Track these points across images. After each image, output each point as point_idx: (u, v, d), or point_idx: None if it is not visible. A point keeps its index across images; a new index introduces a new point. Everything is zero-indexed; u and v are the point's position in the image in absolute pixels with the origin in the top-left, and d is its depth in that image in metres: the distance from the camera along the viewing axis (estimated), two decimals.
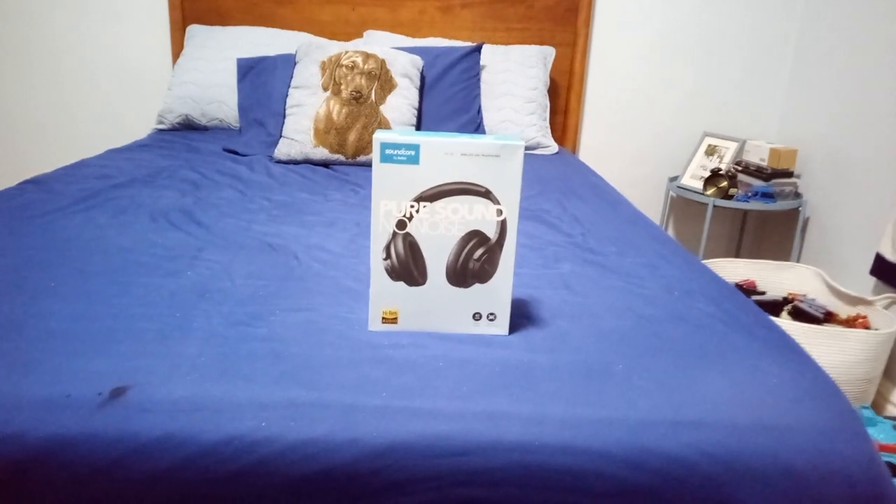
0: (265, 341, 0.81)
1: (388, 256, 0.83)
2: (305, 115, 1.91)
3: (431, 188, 0.81)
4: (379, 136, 0.80)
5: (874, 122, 2.15)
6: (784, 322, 1.93)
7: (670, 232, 2.80)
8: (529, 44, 2.48)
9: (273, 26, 2.44)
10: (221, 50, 2.25)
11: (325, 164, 1.90)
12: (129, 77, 2.54)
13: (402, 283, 0.84)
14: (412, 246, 0.83)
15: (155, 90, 2.54)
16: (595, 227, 1.38)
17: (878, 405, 2.03)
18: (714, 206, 2.39)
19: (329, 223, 1.33)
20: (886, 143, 2.10)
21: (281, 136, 1.94)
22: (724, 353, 0.84)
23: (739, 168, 2.50)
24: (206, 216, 1.32)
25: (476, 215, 0.82)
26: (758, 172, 2.50)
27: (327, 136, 1.89)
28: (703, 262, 1.25)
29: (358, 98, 1.91)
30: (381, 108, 1.93)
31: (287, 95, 2.00)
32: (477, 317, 0.86)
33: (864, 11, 2.21)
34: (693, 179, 2.54)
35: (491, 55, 2.32)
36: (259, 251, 1.13)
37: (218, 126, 2.21)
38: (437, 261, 0.84)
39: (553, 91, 2.56)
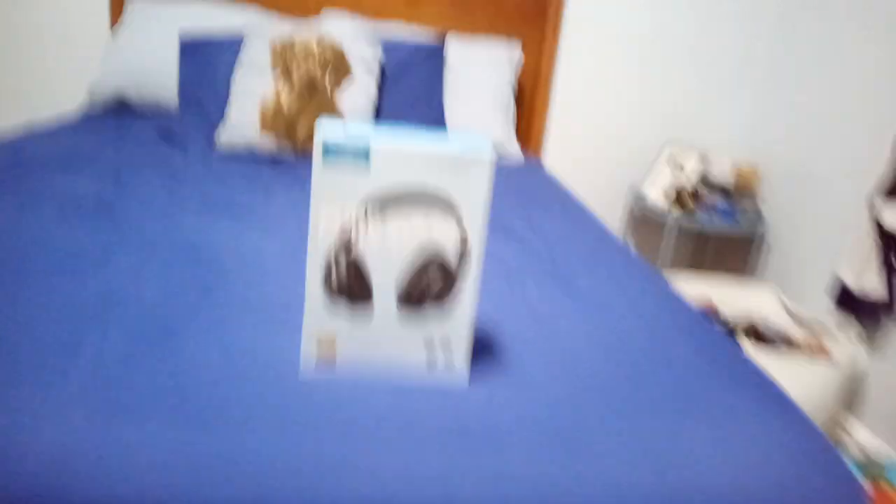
0: (170, 374, 0.67)
1: (328, 274, 0.70)
2: (252, 100, 1.74)
3: (382, 196, 0.68)
4: (322, 134, 0.66)
5: (834, 141, 2.12)
6: (745, 346, 1.88)
7: (629, 243, 2.74)
8: (497, 39, 2.37)
9: (223, 2, 2.25)
10: (162, 24, 2.06)
11: (271, 157, 1.74)
12: (60, 43, 2.32)
13: (343, 308, 0.71)
14: (357, 263, 0.70)
15: (89, 62, 2.32)
16: (562, 244, 1.27)
17: (832, 436, 2.00)
18: (674, 222, 2.33)
19: (267, 225, 1.18)
20: (845, 163, 2.07)
21: (223, 123, 1.77)
22: (708, 402, 0.74)
23: (701, 186, 2.45)
24: (124, 210, 1.15)
25: (433, 229, 0.70)
26: (721, 190, 2.46)
27: (275, 124, 1.73)
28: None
29: (310, 86, 1.76)
30: (336, 98, 1.79)
31: (232, 78, 1.83)
32: (431, 350, 0.73)
33: (830, 32, 2.19)
34: (654, 189, 2.47)
35: (456, 49, 2.20)
36: (180, 256, 0.98)
37: (155, 108, 2.02)
38: (386, 282, 0.71)
39: (517, 92, 2.46)
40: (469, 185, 0.69)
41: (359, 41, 1.86)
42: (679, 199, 2.36)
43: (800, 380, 1.79)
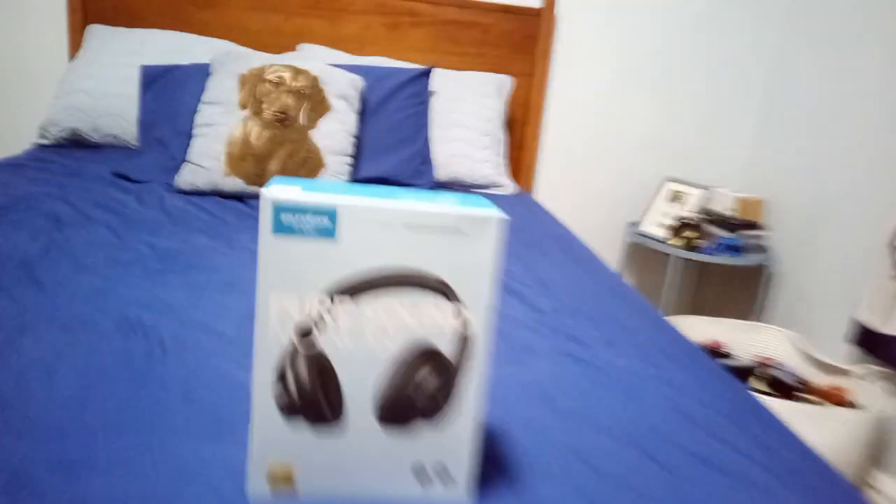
0: None
1: (282, 384, 0.52)
2: (217, 136, 1.57)
3: (355, 277, 0.51)
4: (271, 193, 0.49)
5: (847, 173, 1.99)
6: (759, 393, 1.71)
7: (628, 281, 2.58)
8: (485, 71, 2.22)
9: (193, 32, 2.09)
10: (124, 55, 1.89)
11: (239, 198, 1.57)
12: (14, 81, 2.14)
13: (303, 428, 0.53)
14: (322, 367, 0.52)
15: (46, 98, 2.14)
16: (569, 299, 1.10)
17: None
18: (677, 256, 2.18)
19: (227, 284, 1.00)
20: (860, 196, 1.93)
21: (185, 161, 1.59)
22: None
23: (704, 218, 2.31)
24: (54, 271, 0.97)
25: (424, 320, 0.53)
26: (724, 223, 2.32)
27: (243, 163, 1.56)
28: (665, 318, 1.03)
29: (283, 120, 1.60)
30: (312, 133, 1.62)
31: (196, 112, 1.66)
32: (423, 479, 0.55)
33: (835, 55, 2.07)
34: (655, 226, 2.33)
35: (442, 80, 2.05)
36: (110, 333, 0.80)
37: (112, 144, 1.84)
38: (360, 390, 0.53)
39: (507, 125, 2.31)
40: (470, 253, 0.52)
41: (337, 74, 1.71)
42: (681, 232, 2.21)
43: (823, 429, 1.62)
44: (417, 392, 0.53)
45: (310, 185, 0.53)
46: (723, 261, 2.16)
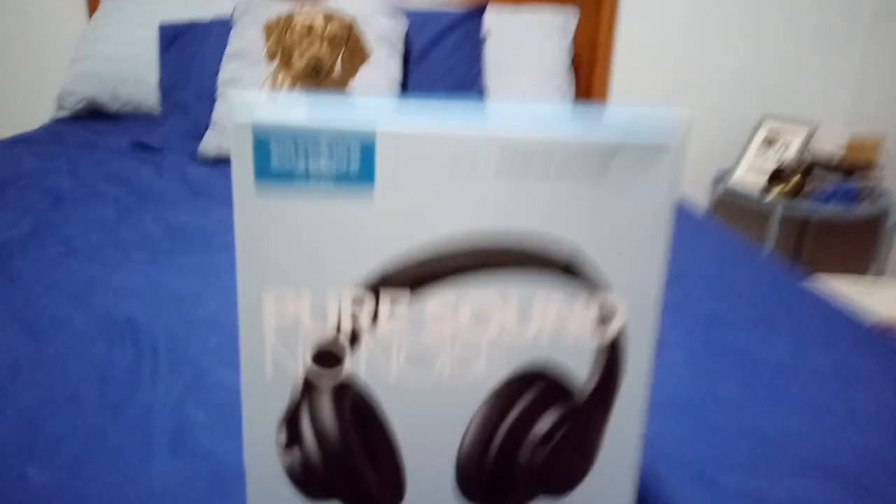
0: None
1: (297, 442, 0.30)
2: None
3: (413, 256, 0.28)
4: (245, 109, 0.26)
5: None
6: None
7: None
8: (545, 1, 1.94)
9: None
10: (140, 15, 1.70)
11: None
12: (33, 51, 1.98)
13: None
14: (362, 413, 0.30)
15: (65, 70, 1.98)
16: (692, 269, 0.85)
17: None
18: (779, 209, 1.87)
19: None
20: None
21: (210, 124, 1.39)
22: None
23: (809, 162, 1.98)
24: (36, 258, 0.78)
25: (540, 325, 0.29)
26: (833, 167, 1.98)
27: None
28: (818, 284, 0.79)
29: (317, 71, 1.37)
30: (351, 84, 1.39)
31: (220, 71, 1.45)
32: None
33: None
34: (749, 176, 2.01)
35: (497, 19, 1.78)
36: (90, 338, 0.59)
37: (134, 113, 1.66)
38: (431, 451, 0.30)
39: (573, 67, 2.02)
40: (625, 214, 0.28)
41: (377, 17, 1.47)
42: (781, 180, 1.90)
43: None
44: (533, 452, 0.30)
45: (319, 100, 0.29)
46: (835, 211, 1.84)
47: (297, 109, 0.27)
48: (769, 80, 2.12)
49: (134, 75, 1.62)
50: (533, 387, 0.30)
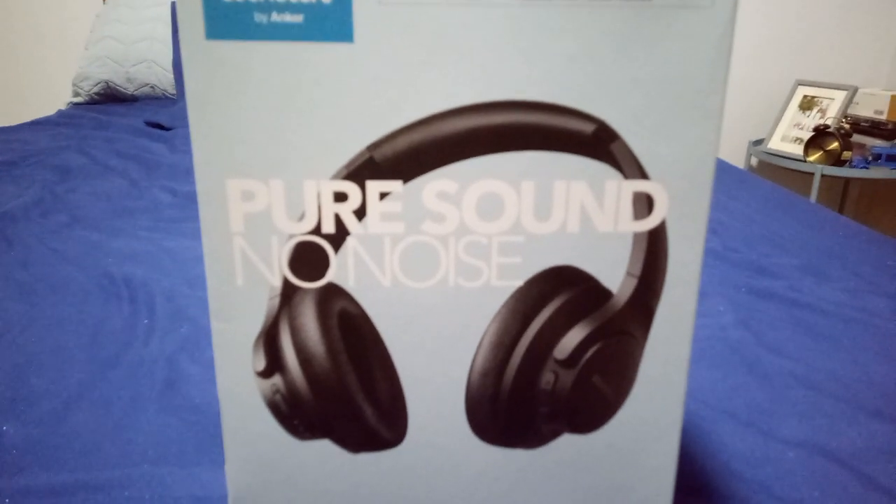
0: None
1: (277, 367, 0.25)
2: None
3: (407, 130, 0.23)
4: None
5: None
6: None
7: None
8: None
9: None
10: None
11: None
12: (48, 38, 1.97)
13: (324, 452, 0.26)
14: (354, 330, 0.25)
15: (79, 54, 1.97)
16: (733, 218, 0.78)
17: None
18: (821, 175, 1.78)
19: None
20: None
21: None
22: None
23: (850, 125, 1.88)
24: (38, 225, 0.75)
25: (557, 221, 0.24)
26: (876, 129, 1.88)
27: None
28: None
29: None
30: None
31: None
32: None
33: None
34: (786, 142, 1.92)
35: None
36: (86, 297, 0.56)
37: (150, 95, 1.64)
38: (433, 374, 0.25)
39: None
40: (667, 69, 0.23)
41: None
42: (819, 145, 1.80)
43: None
44: (558, 376, 0.25)
45: None
46: (881, 175, 1.74)
47: None
48: (802, 46, 2.01)
49: (148, 56, 1.60)
50: (556, 294, 0.25)
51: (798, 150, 1.86)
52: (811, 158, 1.81)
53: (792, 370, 0.45)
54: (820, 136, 1.80)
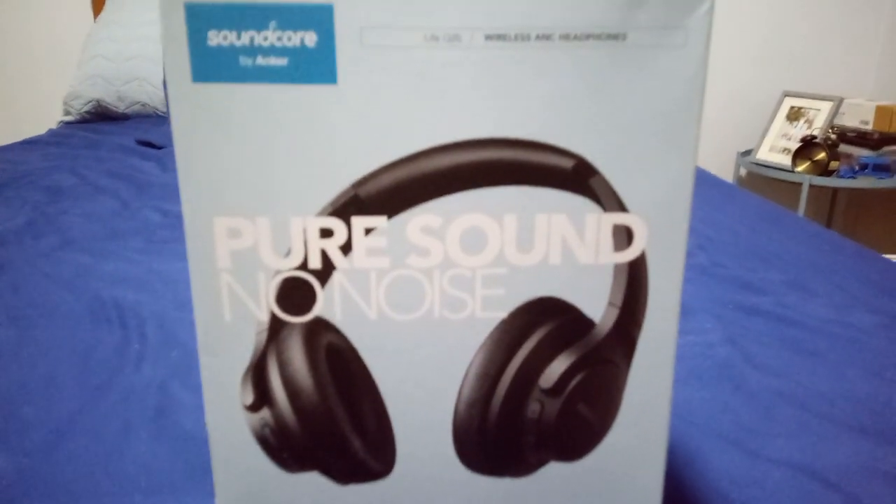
0: None
1: (265, 400, 0.26)
2: None
3: (390, 168, 0.24)
4: None
5: None
6: None
7: None
8: None
9: None
10: (145, 11, 1.68)
11: None
12: (39, 57, 1.98)
13: (312, 482, 0.27)
14: (341, 361, 0.25)
15: (70, 72, 1.98)
16: (720, 233, 0.79)
17: None
18: (807, 184, 1.80)
19: None
20: None
21: None
22: None
23: (837, 135, 1.90)
24: (29, 249, 0.75)
25: (545, 249, 0.25)
26: (862, 139, 1.90)
27: None
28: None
29: None
30: None
31: None
32: None
33: None
34: (774, 153, 1.94)
35: None
36: (77, 322, 0.56)
37: (140, 113, 1.64)
38: (420, 404, 0.26)
39: None
40: (646, 100, 0.23)
41: None
42: (807, 155, 1.82)
43: None
44: (544, 404, 0.26)
45: None
46: (867, 184, 1.76)
47: None
48: (789, 57, 2.04)
49: (139, 74, 1.61)
50: (540, 324, 0.25)
51: (786, 160, 1.88)
52: (799, 169, 1.82)
53: (779, 388, 0.45)
54: (807, 146, 1.82)
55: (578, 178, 0.24)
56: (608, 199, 0.24)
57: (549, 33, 0.22)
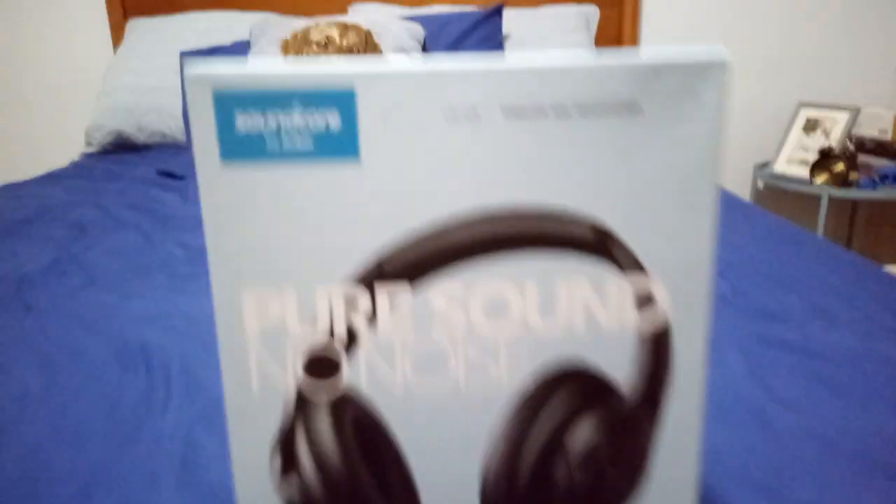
0: None
1: (293, 467, 0.26)
2: None
3: (413, 239, 0.24)
4: (204, 69, 0.23)
5: None
6: None
7: None
8: (564, 2, 1.90)
9: (234, 8, 1.90)
10: (163, 44, 1.72)
11: None
12: (61, 90, 2.02)
13: None
14: (367, 430, 0.25)
15: (91, 106, 2.02)
16: (740, 259, 0.79)
17: None
18: (826, 197, 1.78)
19: None
20: None
21: None
22: None
23: (855, 145, 1.88)
24: (55, 289, 0.76)
25: (568, 315, 0.25)
26: (880, 149, 1.88)
27: None
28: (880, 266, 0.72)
29: None
30: None
31: None
32: None
33: None
34: (791, 164, 1.92)
35: (516, 20, 1.75)
36: (104, 366, 0.57)
37: (160, 143, 1.67)
38: (449, 472, 0.26)
39: None
40: (663, 167, 0.23)
41: (393, 26, 1.45)
42: (825, 167, 1.80)
43: None
44: (573, 470, 0.26)
45: (297, 60, 0.26)
46: (889, 195, 1.74)
47: (262, 66, 0.23)
48: (804, 67, 2.03)
49: (158, 105, 1.64)
50: (566, 390, 0.25)
51: (804, 172, 1.86)
52: (818, 181, 1.81)
53: (807, 427, 0.45)
54: (825, 158, 1.80)
55: (598, 244, 0.24)
56: (628, 265, 0.24)
57: (564, 105, 0.23)
